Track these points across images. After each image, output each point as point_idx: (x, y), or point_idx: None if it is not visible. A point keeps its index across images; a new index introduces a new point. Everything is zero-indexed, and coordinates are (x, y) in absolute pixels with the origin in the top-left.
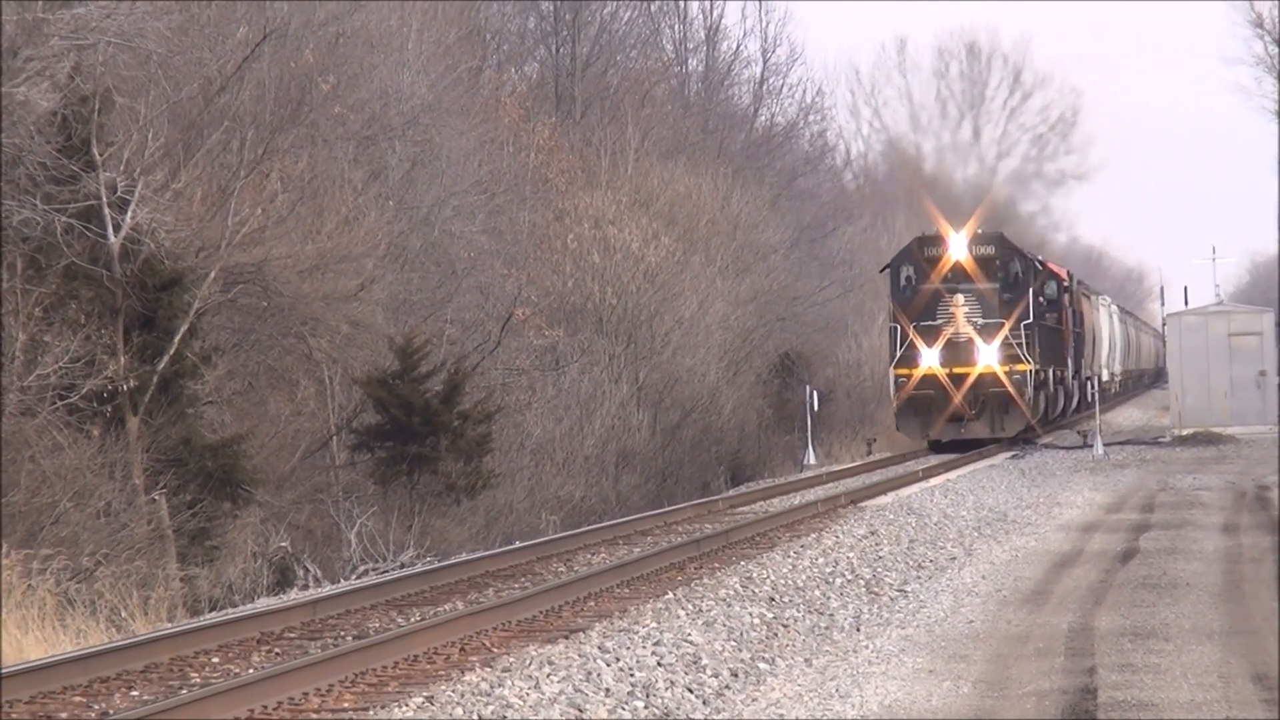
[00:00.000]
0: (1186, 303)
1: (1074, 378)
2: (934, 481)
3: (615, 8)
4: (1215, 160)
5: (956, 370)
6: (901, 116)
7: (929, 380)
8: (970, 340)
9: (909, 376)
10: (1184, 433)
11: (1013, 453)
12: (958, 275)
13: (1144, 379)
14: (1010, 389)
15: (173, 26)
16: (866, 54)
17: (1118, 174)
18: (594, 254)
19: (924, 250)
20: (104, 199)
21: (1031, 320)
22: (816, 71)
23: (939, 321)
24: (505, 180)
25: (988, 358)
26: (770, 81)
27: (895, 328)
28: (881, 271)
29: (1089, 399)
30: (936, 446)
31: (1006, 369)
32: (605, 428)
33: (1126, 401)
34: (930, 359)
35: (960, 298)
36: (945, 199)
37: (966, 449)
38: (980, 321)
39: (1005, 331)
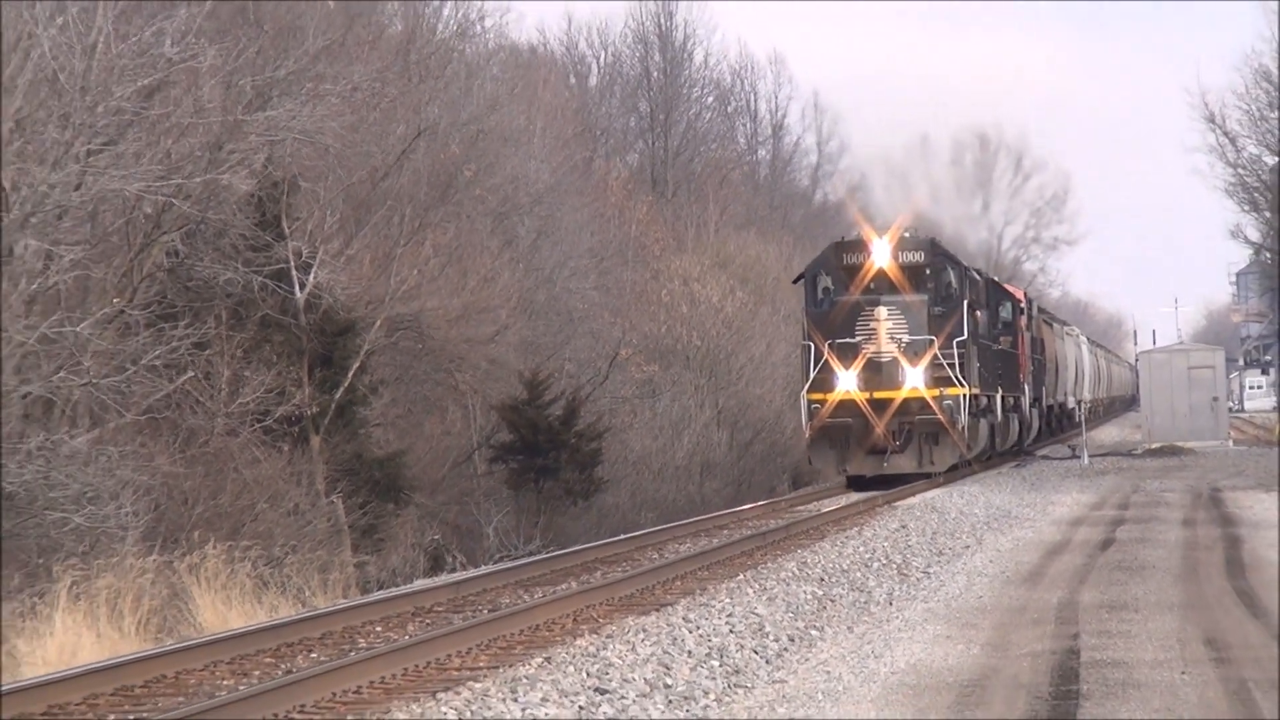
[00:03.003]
0: (1154, 343)
1: (1033, 405)
2: (953, 487)
3: (699, 109)
4: (1178, 228)
5: (878, 395)
6: (924, 194)
7: (846, 406)
8: (895, 360)
9: (823, 402)
10: (1153, 446)
11: (1016, 463)
12: (881, 286)
13: (1115, 405)
14: (941, 416)
15: (345, 125)
16: (898, 145)
17: (1100, 239)
18: (682, 305)
19: (843, 257)
20: (291, 263)
21: (966, 337)
22: (860, 159)
23: (858, 339)
24: (611, 247)
25: (914, 380)
26: (824, 168)
27: (809, 346)
28: (795, 282)
29: (1050, 427)
30: (856, 483)
31: (936, 393)
32: (691, 444)
33: (1107, 422)
34: (848, 382)
35: (883, 311)
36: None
37: (891, 485)
38: (906, 339)
39: (935, 350)
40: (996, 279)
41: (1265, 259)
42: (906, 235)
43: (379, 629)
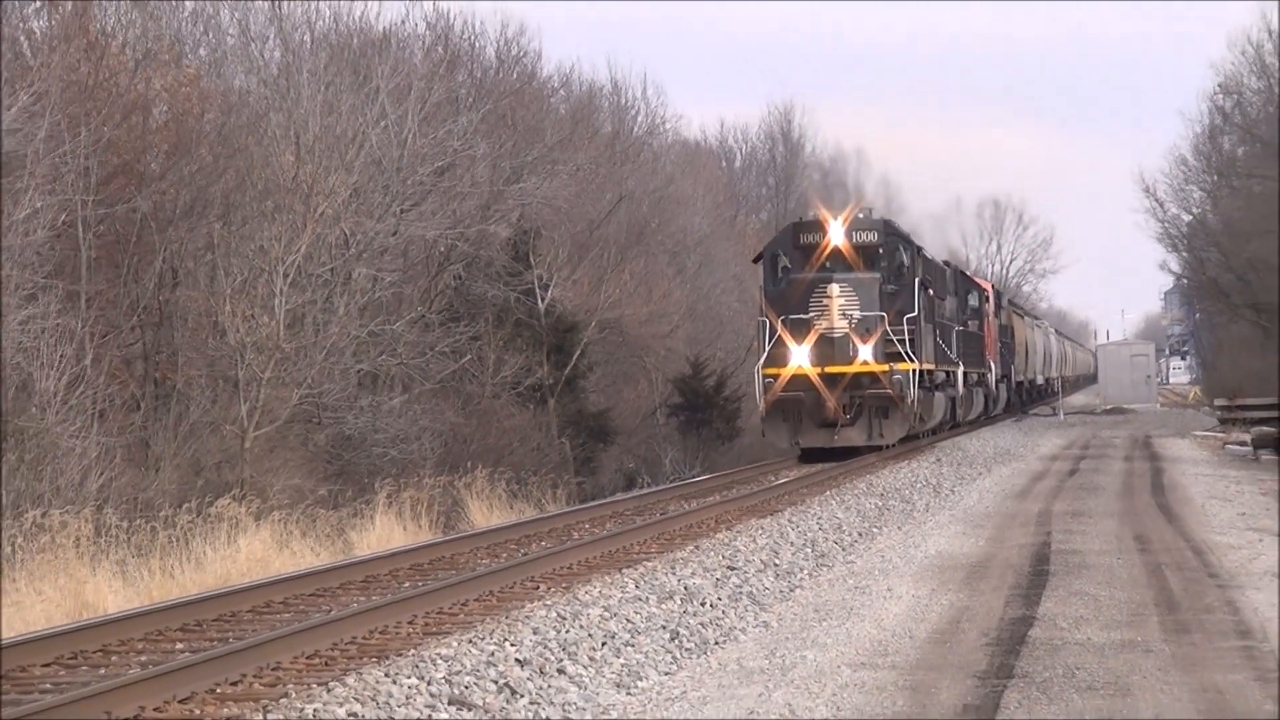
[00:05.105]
0: (1108, 338)
1: (1000, 381)
2: (973, 433)
3: (808, 183)
4: (1125, 262)
5: (830, 370)
6: (956, 239)
7: (799, 381)
8: (846, 336)
9: (777, 377)
10: (1106, 408)
11: (1015, 418)
12: (835, 264)
13: (1080, 381)
14: (890, 390)
15: (571, 193)
16: (939, 204)
17: (1075, 269)
18: None
19: (800, 236)
20: (535, 285)
21: (917, 314)
22: (913, 215)
23: (811, 315)
24: (748, 274)
25: (865, 355)
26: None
27: (764, 322)
28: (755, 261)
29: (1021, 399)
30: (809, 456)
31: (885, 368)
32: None
33: (1076, 392)
34: (800, 357)
35: (836, 288)
36: None
37: (844, 458)
38: (858, 315)
39: (885, 326)
40: (966, 272)
41: (1183, 284)
42: (861, 216)
43: (587, 526)
